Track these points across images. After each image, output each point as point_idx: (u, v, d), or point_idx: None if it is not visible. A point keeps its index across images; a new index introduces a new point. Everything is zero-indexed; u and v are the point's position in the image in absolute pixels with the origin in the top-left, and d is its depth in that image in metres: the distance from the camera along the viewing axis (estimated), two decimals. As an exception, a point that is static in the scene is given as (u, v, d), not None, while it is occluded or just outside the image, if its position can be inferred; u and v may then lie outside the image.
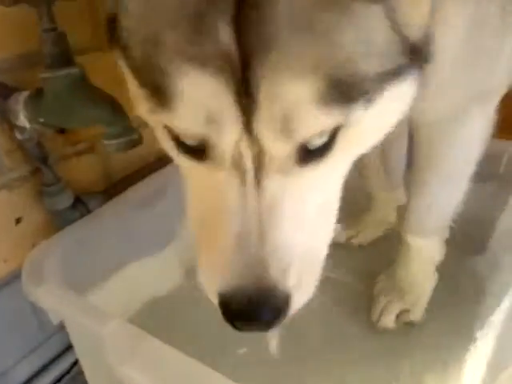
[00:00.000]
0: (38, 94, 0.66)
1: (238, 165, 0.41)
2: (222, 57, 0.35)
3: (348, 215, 1.03)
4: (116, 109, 0.61)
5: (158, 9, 0.37)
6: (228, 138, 0.39)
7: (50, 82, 0.62)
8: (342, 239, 0.99)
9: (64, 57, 0.61)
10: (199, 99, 0.37)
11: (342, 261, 0.92)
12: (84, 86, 0.61)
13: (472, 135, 0.70)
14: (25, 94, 0.67)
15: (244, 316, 0.43)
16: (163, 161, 0.86)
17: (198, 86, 0.36)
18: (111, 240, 0.80)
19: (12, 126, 0.71)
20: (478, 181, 0.85)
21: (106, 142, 0.62)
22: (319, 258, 0.47)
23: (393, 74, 0.42)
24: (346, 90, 0.38)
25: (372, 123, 0.43)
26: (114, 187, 0.91)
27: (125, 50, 0.42)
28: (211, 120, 0.38)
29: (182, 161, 0.45)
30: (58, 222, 0.80)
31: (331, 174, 0.46)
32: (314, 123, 0.38)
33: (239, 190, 0.42)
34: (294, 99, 0.36)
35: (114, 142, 0.61)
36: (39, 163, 0.77)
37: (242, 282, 0.42)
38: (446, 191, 0.75)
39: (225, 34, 0.34)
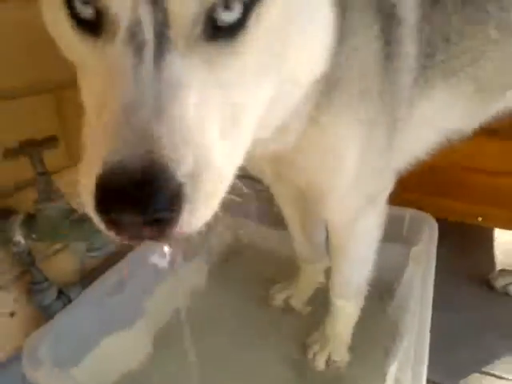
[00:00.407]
0: (31, 218, 0.86)
1: (134, 36, 0.36)
2: None
3: (284, 279, 1.27)
4: (96, 229, 0.82)
5: None
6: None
7: (42, 211, 0.83)
8: (279, 302, 1.21)
9: (54, 194, 0.83)
10: None
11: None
12: (70, 214, 0.83)
13: (368, 228, 0.90)
14: (21, 216, 0.87)
15: (123, 198, 0.34)
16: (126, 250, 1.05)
17: None
18: (90, 322, 0.98)
19: (7, 241, 0.90)
20: (386, 241, 1.12)
21: (88, 253, 0.82)
22: (223, 172, 0.40)
23: None
24: None
25: (281, 23, 0.42)
26: (88, 276, 1.11)
27: None
28: None
29: (74, 41, 0.40)
30: (45, 313, 0.98)
31: (243, 71, 0.41)
32: None
33: (133, 66, 0.35)
34: None
35: (94, 253, 0.82)
36: (28, 266, 0.95)
37: (126, 155, 0.34)
38: (357, 270, 0.96)
39: None
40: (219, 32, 0.38)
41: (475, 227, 1.62)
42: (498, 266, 1.57)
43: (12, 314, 0.97)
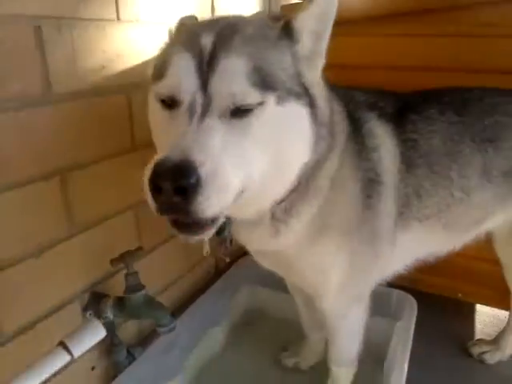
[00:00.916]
0: (119, 301, 1.21)
1: (191, 106, 0.70)
2: (198, 46, 0.73)
3: (295, 343, 1.56)
4: (166, 311, 1.17)
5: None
6: (189, 87, 0.71)
7: (129, 299, 1.18)
8: (291, 364, 1.52)
9: (137, 286, 1.18)
10: (180, 66, 0.72)
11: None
12: (149, 300, 1.18)
13: (354, 319, 1.14)
14: (111, 301, 1.22)
15: (165, 173, 0.61)
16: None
17: (180, 58, 0.73)
18: (148, 374, 1.31)
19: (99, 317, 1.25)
20: (378, 315, 1.39)
21: (158, 328, 1.16)
22: (230, 183, 0.68)
23: (294, 93, 0.76)
24: (264, 78, 0.72)
25: (278, 124, 0.75)
26: (144, 340, 1.43)
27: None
28: (179, 79, 0.72)
29: (160, 116, 0.76)
30: (118, 368, 1.31)
31: (249, 137, 0.72)
32: (242, 89, 0.70)
33: (186, 122, 0.69)
34: (233, 70, 0.71)
35: (163, 329, 1.16)
36: (111, 332, 1.29)
37: (169, 154, 0.63)
38: (347, 346, 1.21)
39: (207, 40, 0.74)
40: (238, 112, 0.72)
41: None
42: (478, 336, 1.78)
43: (93, 368, 1.31)
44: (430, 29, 1.66)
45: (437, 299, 1.84)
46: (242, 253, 1.65)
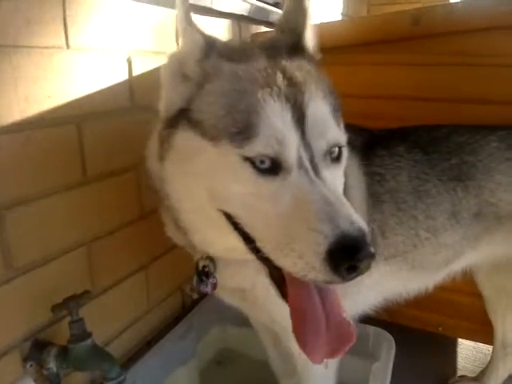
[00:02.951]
0: (63, 351, 1.10)
1: (300, 164, 0.68)
2: (285, 97, 0.70)
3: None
4: (114, 362, 1.06)
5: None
6: (293, 145, 0.67)
7: (74, 349, 1.07)
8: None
9: (82, 334, 1.07)
10: (274, 124, 0.67)
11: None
12: (96, 351, 1.07)
13: (326, 365, 1.08)
14: (54, 350, 1.11)
15: (356, 251, 0.61)
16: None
17: (274, 113, 0.68)
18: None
19: (42, 368, 1.14)
20: (351, 355, 1.32)
21: (104, 382, 1.05)
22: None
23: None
24: (336, 114, 0.75)
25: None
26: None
27: (197, 124, 0.73)
28: (281, 135, 0.66)
29: (256, 186, 0.69)
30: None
31: (341, 175, 0.78)
32: (333, 129, 0.73)
33: (309, 182, 0.66)
34: (324, 114, 0.72)
35: (110, 382, 1.05)
36: (55, 384, 1.18)
37: (346, 229, 0.62)
38: None
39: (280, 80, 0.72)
40: (333, 159, 0.75)
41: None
42: (460, 372, 1.76)
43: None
44: (406, 58, 1.67)
45: (417, 333, 1.83)
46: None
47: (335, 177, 0.72)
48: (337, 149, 0.75)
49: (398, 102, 1.69)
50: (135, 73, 1.34)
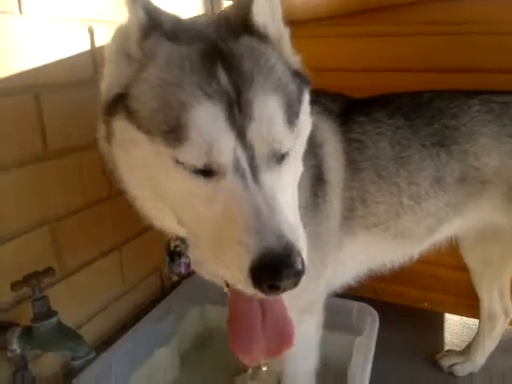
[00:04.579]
0: (27, 331, 1.05)
1: (237, 168, 0.60)
2: (217, 85, 0.60)
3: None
4: (82, 341, 1.01)
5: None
6: (226, 149, 0.59)
7: (38, 328, 1.02)
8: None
9: (47, 312, 1.02)
10: (208, 122, 0.58)
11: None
12: (61, 329, 1.02)
13: (306, 333, 1.05)
14: (18, 330, 1.06)
15: (277, 270, 0.56)
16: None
17: (206, 113, 0.58)
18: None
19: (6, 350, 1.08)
20: (337, 330, 1.28)
21: (72, 362, 1.01)
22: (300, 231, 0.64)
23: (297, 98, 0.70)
24: (290, 110, 0.65)
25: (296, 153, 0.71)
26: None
27: (133, 114, 0.63)
28: (212, 139, 0.58)
29: (191, 187, 0.62)
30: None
31: (290, 175, 0.69)
32: (280, 130, 0.63)
33: (243, 188, 0.60)
34: (271, 112, 0.62)
35: (78, 362, 1.00)
36: (21, 368, 1.12)
37: (271, 245, 0.57)
38: (301, 364, 1.11)
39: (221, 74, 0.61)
40: (278, 159, 0.65)
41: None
42: (447, 347, 1.71)
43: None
44: (383, 29, 1.64)
45: (404, 310, 1.80)
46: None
47: (280, 178, 0.65)
48: (286, 146, 0.66)
49: (376, 74, 1.66)
50: (98, 44, 1.28)
